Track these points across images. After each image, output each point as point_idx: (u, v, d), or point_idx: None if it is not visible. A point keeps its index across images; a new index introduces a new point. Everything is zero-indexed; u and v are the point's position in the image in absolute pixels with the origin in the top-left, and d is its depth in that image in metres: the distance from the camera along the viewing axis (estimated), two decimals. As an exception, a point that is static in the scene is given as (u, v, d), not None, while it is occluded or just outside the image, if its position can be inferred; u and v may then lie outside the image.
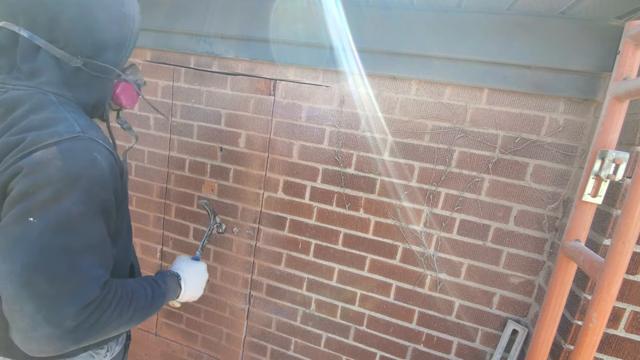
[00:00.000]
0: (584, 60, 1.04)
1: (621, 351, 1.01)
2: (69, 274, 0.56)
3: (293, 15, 1.27)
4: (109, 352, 0.84)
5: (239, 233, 1.54)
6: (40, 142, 0.56)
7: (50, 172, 0.55)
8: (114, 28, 0.69)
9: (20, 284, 0.53)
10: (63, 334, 0.56)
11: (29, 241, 0.54)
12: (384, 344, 1.41)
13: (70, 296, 0.55)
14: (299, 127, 1.38)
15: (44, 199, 0.54)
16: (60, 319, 0.55)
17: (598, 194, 0.88)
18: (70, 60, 0.66)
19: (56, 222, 0.55)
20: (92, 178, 0.59)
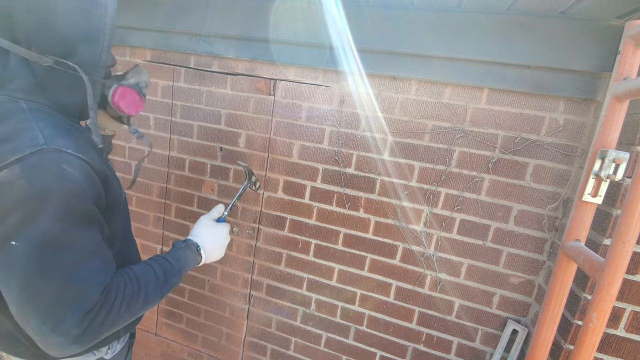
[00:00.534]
0: (584, 60, 1.04)
1: (621, 351, 1.01)
2: (65, 286, 0.56)
3: (293, 15, 1.27)
4: (110, 349, 0.85)
5: (239, 233, 1.54)
6: (2, 161, 0.54)
7: (16, 194, 0.53)
8: (80, 20, 0.62)
9: (20, 302, 0.55)
10: (73, 340, 0.57)
11: (18, 263, 0.54)
12: (384, 343, 1.41)
13: (70, 306, 0.56)
14: (299, 127, 1.38)
15: (17, 222, 0.53)
16: (65, 329, 0.56)
17: (598, 194, 0.88)
18: (40, 60, 0.61)
19: (38, 243, 0.54)
20: (64, 191, 0.56)
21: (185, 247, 0.85)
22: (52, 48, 0.62)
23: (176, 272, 0.78)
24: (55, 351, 0.59)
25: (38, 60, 0.61)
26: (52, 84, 0.64)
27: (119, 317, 0.63)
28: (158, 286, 0.72)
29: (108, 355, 0.85)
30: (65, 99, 0.67)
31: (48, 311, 0.55)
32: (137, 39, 1.53)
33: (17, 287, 0.55)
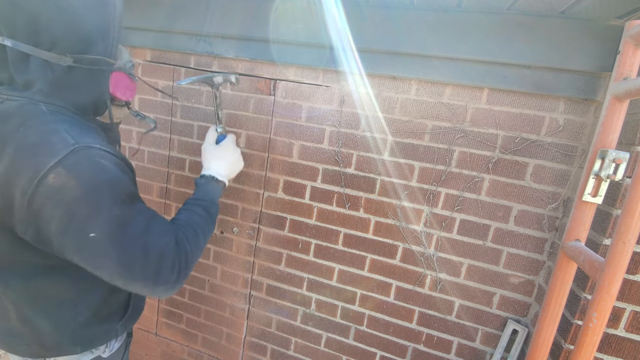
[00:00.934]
0: (584, 60, 1.04)
1: (621, 351, 1.01)
2: (147, 251, 0.65)
3: (293, 15, 1.27)
4: (107, 347, 0.86)
5: (239, 233, 1.54)
6: (43, 166, 0.58)
7: (73, 194, 0.59)
8: (95, 17, 0.67)
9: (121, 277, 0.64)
10: (173, 284, 0.70)
11: (104, 249, 0.62)
12: (384, 343, 1.41)
13: (161, 262, 0.67)
14: (299, 127, 1.38)
15: (85, 217, 0.60)
16: (164, 279, 0.68)
17: (598, 194, 0.89)
18: (60, 61, 0.65)
19: (110, 227, 0.61)
20: (109, 181, 0.63)
21: (205, 182, 0.94)
22: (73, 46, 0.65)
23: (211, 204, 0.89)
24: (166, 295, 0.71)
25: (58, 61, 0.64)
26: (69, 84, 0.68)
27: (193, 257, 0.75)
28: (205, 221, 0.84)
29: (105, 354, 0.86)
30: (81, 98, 0.71)
31: (146, 274, 0.65)
32: (137, 39, 1.53)
33: (112, 267, 0.63)
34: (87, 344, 0.81)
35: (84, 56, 0.67)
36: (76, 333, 0.78)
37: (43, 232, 0.60)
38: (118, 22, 0.72)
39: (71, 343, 0.78)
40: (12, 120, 0.62)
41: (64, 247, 0.62)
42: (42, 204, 0.58)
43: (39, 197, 0.58)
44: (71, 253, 0.62)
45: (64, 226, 0.59)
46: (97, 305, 0.80)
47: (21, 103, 0.63)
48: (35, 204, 0.58)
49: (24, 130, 0.61)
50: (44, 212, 0.59)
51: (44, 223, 0.59)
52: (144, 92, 1.59)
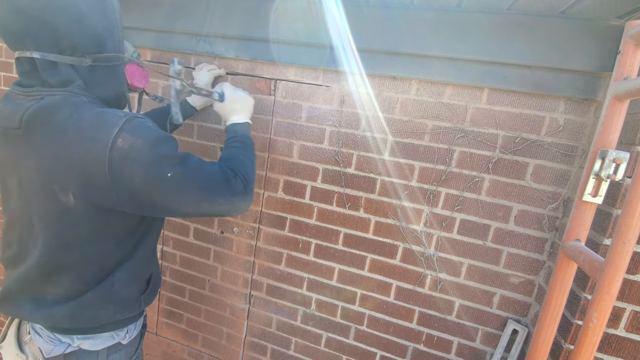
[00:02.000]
0: (584, 60, 1.04)
1: (621, 351, 1.01)
2: (213, 174, 0.81)
3: (293, 15, 1.27)
4: (127, 333, 0.94)
5: (239, 233, 1.54)
6: (109, 136, 0.68)
7: (144, 149, 0.70)
8: (100, 18, 0.74)
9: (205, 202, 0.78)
10: (245, 193, 0.86)
11: (182, 182, 0.74)
12: (384, 343, 1.41)
13: (227, 180, 0.83)
14: (299, 127, 1.38)
15: (158, 163, 0.71)
16: (237, 190, 0.84)
17: (598, 194, 0.89)
18: (82, 62, 0.73)
19: (179, 165, 0.74)
20: (164, 136, 0.75)
21: (230, 126, 1.10)
22: (90, 48, 0.74)
23: (243, 136, 1.05)
24: (244, 207, 0.87)
25: (80, 63, 0.73)
26: (93, 81, 0.77)
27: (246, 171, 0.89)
28: (242, 149, 0.99)
29: (125, 340, 0.93)
30: (106, 92, 0.80)
31: (221, 191, 0.81)
32: (137, 39, 1.53)
33: (195, 193, 0.77)
34: (118, 309, 0.88)
35: (99, 55, 0.75)
36: (112, 294, 0.86)
37: (129, 189, 0.70)
38: (119, 20, 0.80)
39: (105, 304, 0.85)
40: (63, 110, 0.70)
41: (152, 195, 0.73)
42: (121, 166, 0.68)
43: (116, 160, 0.67)
44: (159, 198, 0.73)
45: (145, 176, 0.70)
46: (133, 271, 0.89)
47: (64, 96, 0.72)
48: (115, 167, 0.68)
49: (77, 116, 0.69)
50: (125, 171, 0.69)
51: (129, 180, 0.69)
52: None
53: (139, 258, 0.89)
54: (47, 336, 0.84)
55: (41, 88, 0.72)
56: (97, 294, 0.83)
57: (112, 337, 0.89)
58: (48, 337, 0.83)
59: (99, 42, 0.75)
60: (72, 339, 0.84)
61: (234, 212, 0.86)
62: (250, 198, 0.88)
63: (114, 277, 0.85)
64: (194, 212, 0.80)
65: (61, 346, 0.83)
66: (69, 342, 0.84)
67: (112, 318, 0.87)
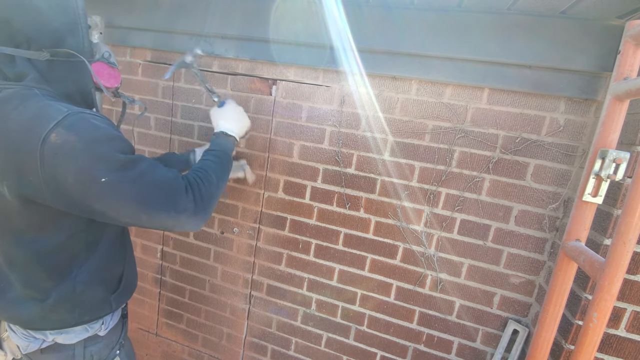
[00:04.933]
0: (584, 60, 1.03)
1: (622, 351, 1.01)
2: (158, 185, 0.74)
3: (293, 15, 1.27)
4: (103, 325, 0.92)
5: (240, 233, 1.54)
6: (45, 129, 0.64)
7: (76, 147, 0.65)
8: (59, 14, 0.74)
9: (142, 214, 0.72)
10: (194, 211, 0.78)
11: (118, 189, 0.69)
12: (384, 344, 1.41)
13: (173, 192, 0.76)
14: (299, 127, 1.38)
15: (92, 164, 0.67)
16: (183, 207, 0.76)
17: (598, 194, 0.88)
18: (39, 56, 0.72)
19: (117, 169, 0.69)
20: (107, 134, 0.70)
21: (215, 137, 1.06)
22: (46, 42, 0.73)
23: (222, 152, 1.00)
24: (192, 226, 0.80)
25: (38, 57, 0.72)
26: (53, 76, 0.75)
27: (205, 187, 0.83)
28: (215, 164, 0.93)
29: (102, 332, 0.91)
30: (67, 88, 0.78)
31: (164, 203, 0.74)
32: (137, 39, 1.53)
33: (132, 204, 0.71)
34: (85, 312, 0.86)
35: (58, 50, 0.74)
36: (76, 296, 0.83)
37: (64, 189, 0.67)
38: (83, 18, 0.79)
39: (70, 308, 0.83)
40: (10, 103, 0.69)
41: (86, 198, 0.68)
42: (53, 163, 0.65)
43: (47, 156, 0.64)
44: (93, 202, 0.69)
45: (78, 177, 0.66)
46: (95, 271, 0.85)
47: (17, 89, 0.71)
48: (47, 164, 0.65)
49: (22, 108, 0.68)
50: (58, 169, 0.65)
51: (62, 179, 0.66)
52: (145, 92, 1.59)
53: (99, 257, 0.85)
54: (21, 333, 0.84)
55: (1, 82, 0.72)
56: (59, 298, 0.81)
57: (85, 330, 0.88)
58: (22, 334, 0.84)
59: (56, 37, 0.73)
60: (44, 334, 0.84)
61: (180, 229, 0.79)
62: (202, 217, 0.81)
63: (75, 279, 0.82)
64: (133, 223, 0.74)
65: (36, 342, 0.83)
66: (42, 337, 0.84)
67: (80, 320, 0.85)
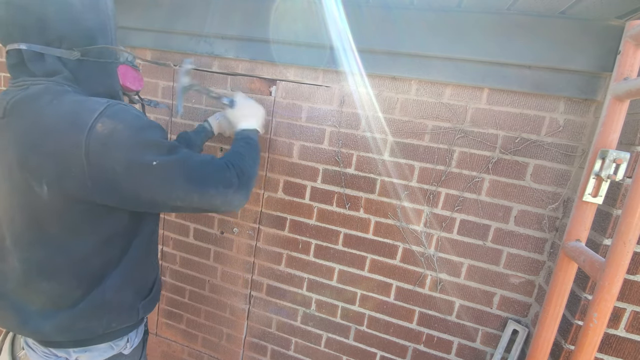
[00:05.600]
0: (584, 60, 1.03)
1: (622, 351, 1.01)
2: (205, 164, 0.76)
3: (293, 15, 1.27)
4: (128, 342, 0.89)
5: (239, 233, 1.54)
6: (89, 120, 0.64)
7: (125, 135, 0.66)
8: (92, 14, 0.74)
9: (194, 193, 0.73)
10: (238, 186, 0.80)
11: (170, 171, 0.70)
12: (384, 344, 1.41)
13: (219, 169, 0.78)
14: (299, 127, 1.38)
15: (141, 150, 0.67)
16: (229, 182, 0.78)
17: (598, 194, 0.88)
18: (70, 55, 0.72)
19: (165, 153, 0.70)
20: (149, 122, 0.72)
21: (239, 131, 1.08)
22: (78, 41, 0.72)
23: (249, 138, 1.02)
24: (237, 202, 0.81)
25: (68, 56, 0.72)
26: (83, 76, 0.75)
27: (244, 165, 0.85)
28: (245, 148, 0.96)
29: (127, 350, 0.88)
30: (96, 88, 0.77)
31: (213, 182, 0.75)
32: (137, 39, 1.53)
33: (183, 185, 0.71)
34: (113, 319, 0.82)
35: (89, 48, 0.74)
36: (105, 302, 0.79)
37: (110, 179, 0.66)
38: (113, 19, 0.79)
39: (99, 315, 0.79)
40: (43, 98, 0.68)
41: (135, 186, 0.68)
42: (100, 153, 0.64)
43: (94, 146, 0.63)
44: (143, 188, 0.68)
45: (128, 164, 0.66)
46: (126, 276, 0.83)
47: (47, 85, 0.70)
48: (93, 154, 0.64)
49: (57, 103, 0.67)
50: (105, 159, 0.64)
51: (110, 170, 0.65)
52: (145, 92, 1.59)
53: (131, 261, 0.83)
54: (41, 351, 0.79)
55: (27, 78, 0.71)
56: (89, 304, 0.77)
57: (111, 348, 0.84)
58: (42, 352, 0.79)
59: (89, 36, 0.73)
60: (68, 352, 0.79)
61: (227, 206, 0.79)
62: (245, 193, 0.82)
63: (105, 284, 0.78)
64: (182, 205, 0.74)
65: None
66: (65, 356, 0.79)
67: (108, 328, 0.81)
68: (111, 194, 0.68)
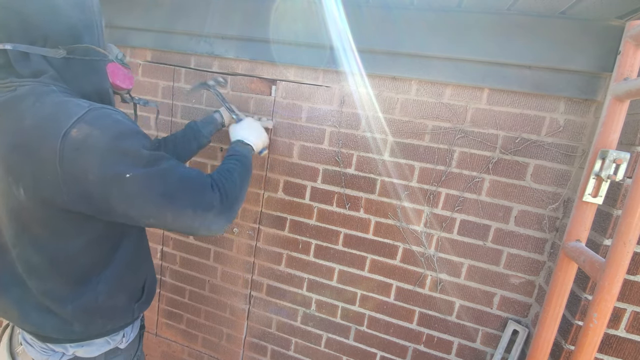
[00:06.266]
0: (584, 60, 1.03)
1: (622, 352, 1.01)
2: (184, 181, 0.71)
3: (293, 15, 1.27)
4: (124, 337, 0.90)
5: (239, 233, 1.54)
6: (66, 124, 0.62)
7: (100, 142, 0.63)
8: (76, 11, 0.72)
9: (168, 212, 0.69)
10: (219, 210, 0.74)
11: (143, 186, 0.66)
12: (384, 344, 1.41)
13: (198, 189, 0.73)
14: (299, 127, 1.38)
15: (116, 159, 0.64)
16: (208, 204, 0.73)
17: (599, 194, 0.88)
18: (55, 54, 0.70)
19: (142, 165, 0.66)
20: (130, 129, 0.68)
21: (233, 144, 1.08)
22: (63, 39, 0.71)
23: (242, 156, 0.99)
24: (217, 226, 0.75)
25: (54, 55, 0.70)
26: (70, 74, 0.73)
27: (233, 190, 0.80)
28: (236, 165, 0.92)
29: (122, 345, 0.89)
30: (84, 87, 0.76)
31: (190, 199, 0.70)
32: (138, 39, 1.53)
33: (157, 201, 0.67)
34: (107, 322, 0.83)
35: (75, 46, 0.72)
36: (98, 306, 0.79)
37: (82, 188, 0.63)
38: (99, 17, 0.78)
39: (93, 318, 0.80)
40: (27, 99, 0.67)
41: (108, 197, 0.65)
42: (73, 159, 0.61)
43: (68, 152, 0.61)
44: (115, 201, 0.65)
45: (100, 173, 0.63)
46: (117, 279, 0.82)
47: (32, 86, 0.69)
48: (67, 160, 0.61)
49: (39, 105, 0.65)
50: (77, 166, 0.62)
51: (82, 177, 0.62)
52: (145, 92, 1.59)
53: (120, 264, 0.81)
54: (39, 347, 0.80)
55: (14, 79, 0.70)
56: (81, 309, 0.77)
57: (107, 343, 0.85)
58: (40, 348, 0.80)
59: (74, 34, 0.72)
60: (65, 347, 0.80)
61: (205, 230, 0.74)
62: (227, 218, 0.76)
63: (96, 288, 0.78)
64: (156, 224, 0.70)
65: (55, 356, 0.80)
66: (62, 351, 0.80)
67: (103, 329, 0.83)
68: (85, 203, 0.65)
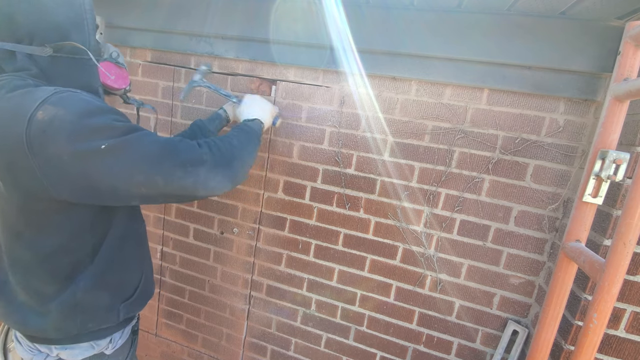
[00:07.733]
0: (584, 60, 1.04)
1: (621, 352, 1.01)
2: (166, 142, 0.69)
3: (293, 15, 1.27)
4: (111, 343, 0.86)
5: (239, 233, 1.54)
6: (30, 108, 0.59)
7: (67, 119, 0.60)
8: (64, 8, 0.70)
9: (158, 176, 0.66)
10: (213, 165, 0.72)
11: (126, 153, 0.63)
12: (384, 344, 1.41)
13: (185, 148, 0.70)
14: (299, 127, 1.38)
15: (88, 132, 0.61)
16: (199, 160, 0.70)
17: (598, 195, 0.89)
18: (42, 52, 0.68)
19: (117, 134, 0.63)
20: (100, 106, 0.65)
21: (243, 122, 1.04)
22: (49, 38, 0.69)
23: (246, 126, 0.97)
24: (216, 183, 0.72)
25: (40, 53, 0.68)
26: (56, 73, 0.71)
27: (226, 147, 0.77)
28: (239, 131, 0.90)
29: (109, 350, 0.86)
30: (70, 85, 0.72)
31: (177, 161, 0.67)
32: (138, 39, 1.53)
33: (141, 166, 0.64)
34: (87, 320, 0.80)
35: (62, 44, 0.70)
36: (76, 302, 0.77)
37: (59, 169, 0.61)
38: (90, 14, 0.75)
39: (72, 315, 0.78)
40: (1, 91, 0.65)
41: (87, 174, 0.62)
42: (43, 142, 0.59)
43: (35, 136, 0.58)
44: (96, 176, 0.62)
45: (73, 151, 0.60)
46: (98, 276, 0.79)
47: (9, 79, 0.67)
48: (36, 144, 0.59)
49: (9, 96, 0.63)
50: (47, 148, 0.59)
51: (56, 159, 0.60)
52: (145, 92, 1.59)
53: (103, 262, 0.79)
54: (26, 345, 0.81)
55: None
56: (60, 304, 0.76)
57: (91, 347, 0.83)
58: (27, 347, 0.81)
59: (60, 32, 0.70)
60: (49, 348, 0.80)
61: (203, 189, 0.70)
62: (224, 173, 0.73)
63: (77, 285, 0.77)
64: (149, 193, 0.67)
65: (40, 356, 0.80)
66: (47, 352, 0.80)
67: (83, 329, 0.80)
68: (65, 186, 0.63)
